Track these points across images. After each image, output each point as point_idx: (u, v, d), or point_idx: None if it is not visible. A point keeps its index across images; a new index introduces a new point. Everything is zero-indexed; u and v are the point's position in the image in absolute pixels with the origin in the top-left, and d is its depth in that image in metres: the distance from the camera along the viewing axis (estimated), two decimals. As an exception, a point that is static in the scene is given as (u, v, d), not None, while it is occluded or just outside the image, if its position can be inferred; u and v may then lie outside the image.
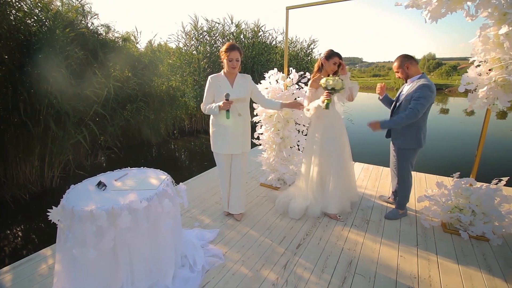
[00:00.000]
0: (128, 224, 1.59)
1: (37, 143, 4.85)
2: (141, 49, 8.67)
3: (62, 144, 5.11)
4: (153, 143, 8.42)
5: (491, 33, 2.09)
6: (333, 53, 2.59)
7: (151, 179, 1.96)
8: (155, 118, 8.14)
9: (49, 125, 4.76)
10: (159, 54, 8.46)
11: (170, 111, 8.68)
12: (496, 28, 2.04)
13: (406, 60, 2.41)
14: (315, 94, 2.66)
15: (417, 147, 2.48)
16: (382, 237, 2.43)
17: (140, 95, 7.34)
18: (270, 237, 2.44)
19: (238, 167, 2.59)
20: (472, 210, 2.38)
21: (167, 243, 1.83)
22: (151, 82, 8.00)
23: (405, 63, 2.40)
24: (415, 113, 2.29)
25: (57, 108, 4.95)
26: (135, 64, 7.70)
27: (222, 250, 2.25)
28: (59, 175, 5.52)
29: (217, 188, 3.42)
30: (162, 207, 1.77)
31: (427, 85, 2.29)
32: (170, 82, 9.00)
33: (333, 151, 2.69)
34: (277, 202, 2.91)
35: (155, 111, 8.14)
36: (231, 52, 2.30)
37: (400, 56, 2.46)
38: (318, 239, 2.41)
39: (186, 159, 8.06)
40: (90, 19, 7.12)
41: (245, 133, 2.54)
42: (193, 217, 2.79)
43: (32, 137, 4.72)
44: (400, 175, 2.63)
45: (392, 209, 2.80)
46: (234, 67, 2.34)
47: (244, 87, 2.45)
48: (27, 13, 4.73)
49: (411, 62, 2.40)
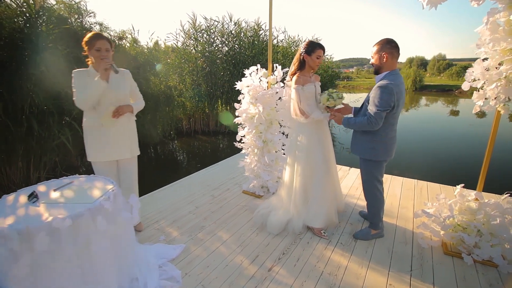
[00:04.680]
0: (45, 248, 1.32)
1: (21, 144, 4.69)
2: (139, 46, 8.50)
3: (47, 145, 4.94)
4: (148, 144, 8.24)
5: (501, 19, 1.73)
6: (316, 45, 2.27)
7: (94, 190, 1.69)
8: (151, 119, 7.95)
9: (32, 125, 4.59)
10: (155, 53, 8.26)
11: (167, 111, 8.49)
12: (507, 13, 1.68)
13: (388, 47, 1.96)
14: (303, 92, 2.33)
15: (375, 158, 2.11)
16: (370, 259, 2.09)
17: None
18: (241, 256, 2.14)
19: (129, 173, 2.30)
20: (478, 229, 2.02)
21: (104, 268, 1.55)
22: (147, 81, 7.81)
23: (385, 51, 1.96)
24: (371, 122, 1.94)
25: (42, 108, 4.78)
26: (130, 62, 7.52)
27: (181, 272, 1.96)
28: (46, 176, 5.36)
29: (194, 196, 3.14)
30: (96, 226, 1.49)
31: (383, 86, 1.89)
32: (168, 81, 8.81)
33: (320, 157, 2.37)
34: (256, 213, 2.60)
35: (150, 112, 7.95)
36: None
37: (383, 40, 2.01)
38: (295, 260, 2.09)
39: (178, 161, 7.83)
40: (86, 17, 7.01)
41: (131, 132, 2.28)
42: (160, 229, 2.51)
43: (14, 137, 4.56)
44: (364, 189, 2.28)
45: (364, 227, 2.45)
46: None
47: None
48: (9, 7, 4.57)
49: (391, 52, 1.96)
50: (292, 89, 2.34)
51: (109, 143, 2.14)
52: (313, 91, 2.37)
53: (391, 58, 1.99)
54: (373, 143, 2.08)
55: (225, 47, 9.32)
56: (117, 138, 2.16)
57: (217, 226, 2.55)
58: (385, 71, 2.01)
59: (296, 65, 2.37)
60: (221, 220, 2.65)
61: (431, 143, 8.91)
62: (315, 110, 2.35)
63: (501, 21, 1.74)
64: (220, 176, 3.73)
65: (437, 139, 9.39)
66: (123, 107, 2.11)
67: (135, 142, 2.33)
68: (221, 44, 9.18)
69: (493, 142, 2.03)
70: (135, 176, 2.39)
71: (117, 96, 2.10)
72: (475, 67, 1.86)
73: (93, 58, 1.99)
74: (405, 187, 3.35)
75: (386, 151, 2.10)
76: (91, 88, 1.95)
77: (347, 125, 2.15)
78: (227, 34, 9.14)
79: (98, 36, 1.97)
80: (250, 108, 2.86)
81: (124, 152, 2.23)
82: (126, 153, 2.24)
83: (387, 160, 2.16)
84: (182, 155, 8.54)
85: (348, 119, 2.15)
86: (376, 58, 2.03)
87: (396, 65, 2.04)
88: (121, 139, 2.19)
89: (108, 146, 2.14)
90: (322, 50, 2.28)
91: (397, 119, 2.09)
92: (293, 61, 2.41)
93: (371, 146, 2.10)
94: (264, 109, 2.73)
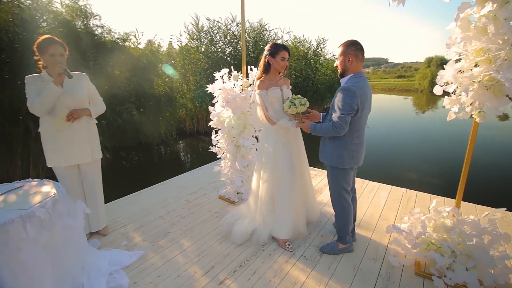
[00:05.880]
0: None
1: (19, 143, 4.87)
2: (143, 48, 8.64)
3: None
4: (150, 144, 8.36)
5: (474, 15, 1.54)
6: (279, 47, 2.14)
7: (36, 197, 1.67)
8: (153, 119, 8.07)
9: (28, 125, 4.75)
10: (158, 54, 8.37)
11: (169, 112, 8.58)
12: (480, 7, 1.49)
13: (352, 49, 1.83)
14: (267, 97, 2.22)
15: (341, 166, 1.96)
16: (331, 276, 1.93)
17: (133, 96, 7.27)
18: (196, 266, 2.05)
19: (91, 176, 2.28)
20: (452, 250, 1.81)
21: (38, 274, 1.51)
22: (149, 82, 7.92)
23: (349, 54, 1.83)
24: (336, 127, 1.80)
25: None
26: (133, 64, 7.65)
27: (129, 280, 1.90)
28: (45, 175, 5.54)
29: (169, 200, 3.09)
30: (27, 233, 1.46)
31: (345, 89, 1.77)
32: (172, 82, 8.90)
33: (285, 164, 2.24)
34: (223, 221, 2.50)
35: (152, 112, 8.06)
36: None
37: (348, 41, 1.88)
38: (251, 273, 1.97)
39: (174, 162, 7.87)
40: (90, 20, 7.21)
41: (91, 136, 2.23)
42: (125, 233, 2.48)
43: (12, 137, 4.74)
44: (331, 198, 2.13)
45: (333, 240, 2.28)
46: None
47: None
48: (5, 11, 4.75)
49: (356, 55, 1.82)
50: (256, 94, 2.23)
51: (68, 148, 2.11)
52: (279, 95, 2.24)
53: (356, 60, 1.84)
54: (339, 150, 1.94)
55: (229, 47, 9.29)
56: (75, 142, 2.13)
57: (182, 233, 2.48)
58: (350, 73, 1.86)
59: (261, 69, 2.25)
60: (188, 226, 2.57)
61: (443, 147, 8.42)
62: (283, 116, 2.22)
63: (475, 17, 1.55)
64: (201, 180, 3.66)
65: (442, 147, 8.76)
66: (77, 111, 2.07)
67: (97, 146, 2.30)
68: (224, 45, 9.16)
69: (471, 151, 1.82)
70: (98, 180, 2.37)
71: (73, 101, 2.08)
72: (447, 69, 1.66)
73: (47, 63, 1.97)
74: (391, 196, 3.13)
75: (352, 158, 1.94)
76: (45, 93, 1.93)
77: (313, 132, 2.02)
78: (230, 35, 9.10)
79: (51, 41, 1.94)
80: (223, 112, 2.77)
81: (84, 157, 2.20)
82: (87, 157, 2.21)
83: (353, 167, 2.01)
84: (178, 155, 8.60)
85: (314, 125, 2.01)
86: (341, 61, 1.88)
87: (361, 68, 1.88)
88: (80, 143, 2.16)
89: (67, 151, 2.12)
90: (286, 52, 2.15)
91: (364, 125, 1.94)
92: (258, 65, 2.30)
93: (337, 153, 1.95)
94: (234, 113, 2.63)
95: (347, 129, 1.83)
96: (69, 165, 2.16)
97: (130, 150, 8.15)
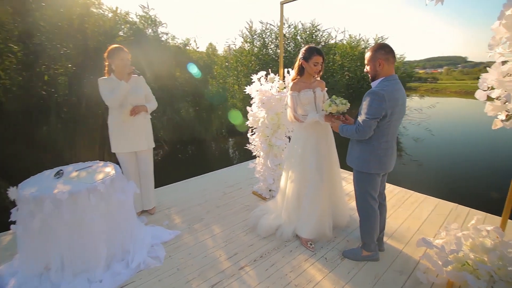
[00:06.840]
0: (50, 212, 1.74)
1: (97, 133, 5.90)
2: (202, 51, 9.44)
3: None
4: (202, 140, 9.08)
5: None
6: (313, 51, 2.19)
7: (100, 174, 2.10)
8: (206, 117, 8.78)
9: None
10: (213, 57, 9.02)
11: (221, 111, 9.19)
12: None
13: (382, 53, 1.77)
14: (298, 98, 2.31)
15: (366, 171, 1.89)
16: (349, 281, 1.92)
17: (190, 95, 8.02)
18: (222, 251, 2.26)
19: (146, 162, 2.72)
20: (491, 274, 1.62)
21: (95, 234, 1.91)
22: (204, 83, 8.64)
23: (379, 58, 1.77)
24: (359, 130, 1.76)
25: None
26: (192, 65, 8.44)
27: (165, 254, 2.22)
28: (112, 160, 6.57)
29: (208, 190, 3.41)
30: (90, 202, 1.86)
31: (373, 93, 1.71)
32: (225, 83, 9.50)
33: (313, 165, 2.29)
34: (252, 214, 2.68)
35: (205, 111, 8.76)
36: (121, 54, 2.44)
37: (375, 46, 1.82)
38: (270, 265, 2.10)
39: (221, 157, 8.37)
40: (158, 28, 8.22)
41: (147, 128, 2.67)
42: (168, 215, 2.86)
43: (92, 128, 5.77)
44: (356, 203, 2.06)
45: (356, 247, 2.21)
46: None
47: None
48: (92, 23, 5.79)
49: (386, 58, 1.76)
50: (288, 94, 2.33)
51: (129, 137, 2.57)
52: (311, 97, 2.30)
53: (386, 64, 1.79)
54: (366, 154, 1.91)
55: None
56: (135, 133, 2.58)
57: (214, 220, 2.73)
58: (381, 77, 1.82)
59: (296, 71, 2.34)
60: (221, 215, 2.82)
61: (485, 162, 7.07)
62: (311, 112, 2.26)
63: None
64: (239, 175, 3.91)
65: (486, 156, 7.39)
66: (138, 107, 2.51)
67: (151, 137, 2.74)
68: (276, 47, 9.34)
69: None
70: (150, 165, 2.79)
71: (135, 98, 2.52)
72: (491, 72, 1.50)
73: (116, 66, 2.44)
74: (437, 210, 2.85)
75: (379, 163, 1.89)
76: (119, 89, 2.41)
77: (341, 132, 2.03)
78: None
79: (120, 49, 2.42)
80: (259, 112, 2.93)
81: (141, 145, 2.64)
82: (143, 146, 2.65)
83: (380, 174, 1.95)
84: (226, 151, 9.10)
85: (342, 126, 2.02)
86: (371, 66, 1.86)
87: (393, 71, 1.82)
88: (139, 134, 2.61)
89: (128, 139, 2.58)
90: (320, 57, 2.19)
91: (394, 130, 1.86)
92: (294, 67, 2.39)
93: (364, 157, 1.92)
94: (268, 114, 2.77)
95: (370, 134, 1.80)
96: (129, 151, 2.62)
97: (186, 144, 8.99)
